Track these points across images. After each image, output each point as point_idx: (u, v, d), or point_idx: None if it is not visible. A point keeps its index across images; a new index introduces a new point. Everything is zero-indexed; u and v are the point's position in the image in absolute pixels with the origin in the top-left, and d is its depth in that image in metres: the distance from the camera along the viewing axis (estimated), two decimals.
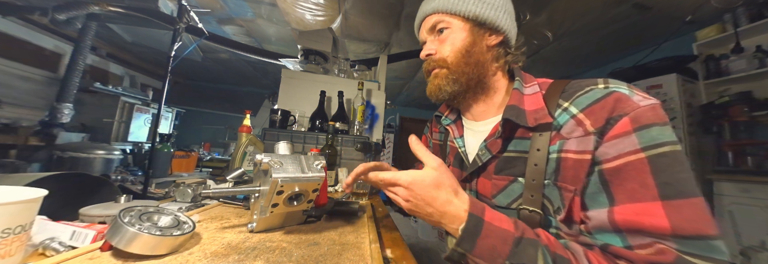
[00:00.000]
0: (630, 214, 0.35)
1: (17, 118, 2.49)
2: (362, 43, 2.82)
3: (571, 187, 0.41)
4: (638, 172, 0.35)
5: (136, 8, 2.28)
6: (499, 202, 0.50)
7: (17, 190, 0.40)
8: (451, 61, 0.54)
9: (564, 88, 0.47)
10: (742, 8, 2.00)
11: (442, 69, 0.55)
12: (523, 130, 0.49)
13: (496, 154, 0.52)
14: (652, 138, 0.36)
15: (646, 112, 0.37)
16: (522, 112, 0.48)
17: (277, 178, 0.49)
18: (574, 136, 0.42)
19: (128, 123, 3.31)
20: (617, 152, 0.37)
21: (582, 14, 2.14)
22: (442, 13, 0.55)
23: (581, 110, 0.42)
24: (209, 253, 0.42)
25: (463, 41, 0.54)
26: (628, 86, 0.42)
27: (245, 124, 1.24)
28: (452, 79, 0.54)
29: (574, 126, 0.42)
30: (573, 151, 0.42)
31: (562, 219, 0.42)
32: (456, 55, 0.54)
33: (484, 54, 0.55)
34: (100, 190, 0.79)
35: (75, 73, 2.68)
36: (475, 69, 0.54)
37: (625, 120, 0.38)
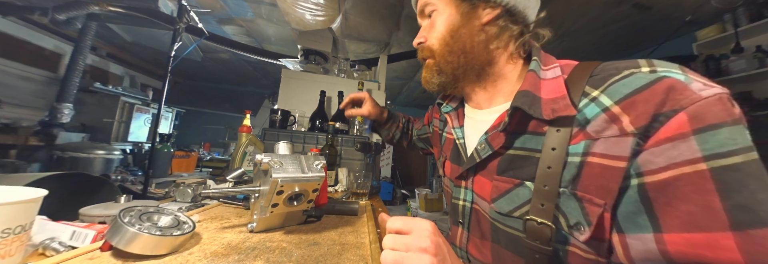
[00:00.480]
0: (687, 245, 0.26)
1: (17, 118, 2.49)
2: (362, 43, 2.82)
3: (598, 200, 0.32)
4: (698, 189, 0.26)
5: (136, 8, 2.28)
6: (501, 209, 0.42)
7: (17, 190, 0.40)
8: (436, 49, 0.48)
9: (593, 72, 0.37)
10: (742, 8, 1.99)
11: (429, 58, 0.50)
12: (537, 123, 0.39)
13: (498, 150, 0.43)
14: (721, 143, 0.26)
15: (712, 107, 0.28)
16: (537, 99, 0.39)
17: (277, 178, 0.49)
18: (605, 136, 0.32)
19: (128, 123, 3.31)
20: (668, 161, 0.28)
21: (582, 14, 2.14)
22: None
23: (617, 102, 0.32)
24: (209, 253, 0.42)
25: (449, 24, 0.46)
26: (681, 69, 0.32)
27: (245, 124, 1.24)
28: (436, 70, 0.48)
29: (605, 122, 0.33)
30: (602, 155, 0.32)
31: (587, 239, 0.33)
32: (441, 41, 0.47)
33: (474, 36, 0.45)
34: (100, 190, 0.79)
35: (75, 73, 2.68)
36: (463, 57, 0.46)
37: (680, 117, 0.28)
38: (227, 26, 2.74)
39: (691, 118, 0.28)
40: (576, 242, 0.35)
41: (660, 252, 0.28)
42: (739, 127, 0.27)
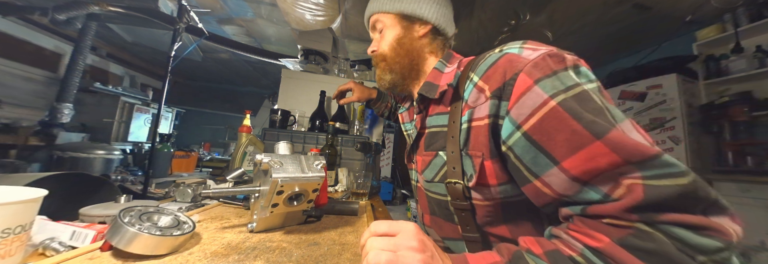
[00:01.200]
0: (582, 163, 0.32)
1: (17, 118, 2.49)
2: (362, 43, 2.82)
3: (478, 152, 0.43)
4: (559, 120, 0.34)
5: (136, 8, 2.28)
6: (427, 177, 0.54)
7: (17, 190, 0.40)
8: (387, 53, 0.61)
9: (474, 61, 0.48)
10: (742, 8, 1.99)
11: (381, 62, 0.62)
12: (443, 106, 0.52)
13: (420, 131, 0.57)
14: (554, 86, 0.35)
15: (539, 63, 0.37)
16: (434, 86, 0.53)
17: (277, 178, 0.49)
18: (479, 104, 0.43)
19: (128, 123, 3.31)
20: (529, 109, 0.36)
21: (582, 14, 2.14)
22: (376, 14, 0.63)
23: (480, 77, 0.44)
24: (209, 253, 0.42)
25: (394, 35, 0.61)
26: (521, 44, 0.42)
27: (245, 124, 1.24)
28: (388, 68, 0.61)
29: (477, 94, 0.44)
30: (476, 119, 0.43)
31: (473, 185, 0.44)
32: (390, 48, 0.61)
33: (414, 42, 0.60)
34: (100, 190, 0.79)
35: (75, 73, 2.68)
36: (407, 57, 0.60)
37: (521, 77, 0.37)
38: (227, 26, 2.74)
39: (528, 75, 0.37)
40: (475, 195, 0.45)
41: (570, 178, 0.33)
42: (564, 73, 0.36)
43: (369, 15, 0.65)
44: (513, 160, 0.39)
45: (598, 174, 0.31)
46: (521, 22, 2.27)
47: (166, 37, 2.56)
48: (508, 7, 2.11)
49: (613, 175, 0.31)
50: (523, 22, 2.26)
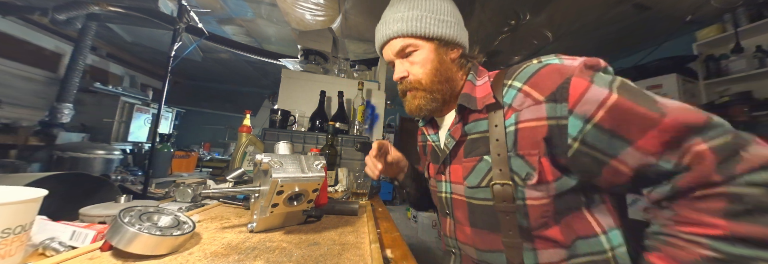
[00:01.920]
0: (653, 139, 0.37)
1: (17, 118, 2.49)
2: (362, 43, 2.81)
3: (533, 151, 0.46)
4: (626, 108, 0.39)
5: (136, 8, 2.28)
6: (470, 183, 0.53)
7: (17, 190, 0.40)
8: (425, 82, 0.57)
9: (506, 72, 0.53)
10: (742, 8, 1.99)
11: (417, 91, 0.59)
12: (478, 114, 0.54)
13: (459, 139, 0.57)
14: (606, 80, 0.42)
15: (583, 67, 0.44)
16: (473, 98, 0.55)
17: (277, 178, 0.49)
18: (525, 107, 0.46)
19: (128, 123, 3.31)
20: (595, 104, 0.40)
21: (582, 14, 2.14)
22: (407, 37, 0.58)
23: (525, 83, 0.47)
24: (209, 253, 0.42)
25: (433, 61, 0.57)
26: (555, 56, 0.49)
27: (245, 124, 1.24)
28: (431, 98, 0.58)
29: (523, 98, 0.47)
30: (529, 120, 0.46)
31: (535, 182, 0.46)
32: (429, 76, 0.57)
33: (450, 69, 0.59)
34: (100, 190, 0.79)
35: (75, 73, 2.68)
36: (447, 84, 0.58)
37: (575, 80, 0.42)
38: (227, 26, 2.74)
39: (580, 78, 0.42)
40: (531, 193, 0.46)
41: (643, 152, 0.38)
42: (605, 72, 0.45)
43: (395, 35, 0.58)
44: (585, 150, 0.42)
45: (669, 145, 0.36)
46: (521, 22, 2.27)
47: (166, 37, 2.56)
48: (508, 7, 2.11)
49: (680, 145, 0.36)
50: (523, 22, 2.26)
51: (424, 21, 0.56)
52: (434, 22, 0.57)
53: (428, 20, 0.57)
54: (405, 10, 0.58)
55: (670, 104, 0.38)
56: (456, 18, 0.60)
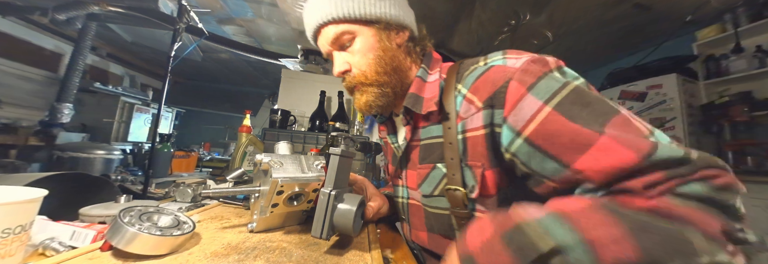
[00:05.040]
0: (594, 162, 0.32)
1: (17, 118, 2.49)
2: None
3: (477, 163, 0.42)
4: (558, 124, 0.34)
5: (136, 8, 2.28)
6: (424, 191, 0.50)
7: (17, 190, 0.40)
8: (370, 74, 0.49)
9: (458, 70, 0.47)
10: (742, 8, 1.99)
11: (365, 86, 0.51)
12: (435, 117, 0.48)
13: (411, 143, 0.52)
14: (546, 90, 0.36)
15: (526, 70, 0.38)
16: (420, 99, 0.49)
17: (277, 178, 0.49)
18: (469, 115, 0.43)
19: (128, 123, 3.31)
20: (527, 115, 0.36)
21: (582, 14, 2.14)
22: (340, 22, 0.48)
23: (469, 89, 0.44)
24: (209, 253, 0.42)
25: (376, 49, 0.49)
26: (502, 54, 0.43)
27: (245, 124, 1.24)
28: (380, 93, 0.50)
29: (467, 105, 0.43)
30: (471, 129, 0.43)
31: (476, 196, 0.43)
32: (373, 67, 0.49)
33: (397, 56, 0.51)
34: (100, 190, 0.79)
35: (75, 73, 2.68)
36: (396, 75, 0.51)
37: (512, 84, 0.38)
38: (227, 26, 2.74)
39: (519, 82, 0.38)
40: (477, 205, 0.44)
41: (586, 179, 0.33)
42: (551, 75, 0.37)
43: (326, 20, 0.48)
44: (520, 167, 0.39)
45: (617, 175, 0.31)
46: (521, 22, 2.27)
47: (166, 37, 2.56)
48: (508, 7, 2.11)
49: (626, 170, 0.30)
50: (523, 22, 2.26)
51: (357, 0, 0.47)
52: (370, 1, 0.47)
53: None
54: None
55: (620, 118, 0.33)
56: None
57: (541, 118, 0.35)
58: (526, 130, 0.36)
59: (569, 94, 0.35)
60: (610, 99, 1.49)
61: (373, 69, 0.49)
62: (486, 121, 0.40)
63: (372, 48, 0.49)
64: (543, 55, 0.40)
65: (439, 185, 0.48)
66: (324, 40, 0.51)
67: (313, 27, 0.51)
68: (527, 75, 0.38)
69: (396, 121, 0.60)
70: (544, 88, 0.36)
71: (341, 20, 0.48)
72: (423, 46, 0.54)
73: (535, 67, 0.38)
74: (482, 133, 0.41)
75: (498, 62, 0.42)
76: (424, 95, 0.49)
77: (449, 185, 0.45)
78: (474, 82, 0.43)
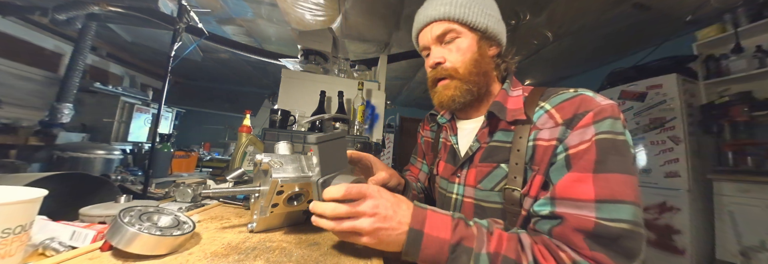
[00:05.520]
0: (569, 181, 0.42)
1: (17, 118, 2.49)
2: (362, 43, 2.82)
3: (536, 167, 0.49)
4: (588, 152, 0.43)
5: (136, 8, 2.28)
6: (485, 187, 0.56)
7: (17, 190, 0.40)
8: (463, 71, 0.56)
9: (543, 92, 0.55)
10: (742, 8, 1.99)
11: (452, 80, 0.57)
12: (506, 124, 0.55)
13: (483, 144, 0.58)
14: (604, 126, 0.44)
15: (606, 108, 0.45)
16: (504, 108, 0.55)
17: (277, 178, 0.49)
18: (546, 127, 0.50)
19: (128, 123, 3.31)
20: (580, 140, 0.45)
21: (582, 14, 2.14)
22: (451, 22, 0.56)
23: (553, 106, 0.50)
24: (209, 253, 0.42)
25: (473, 52, 0.56)
26: (593, 92, 0.51)
27: (245, 124, 1.24)
28: (466, 89, 0.56)
29: (547, 119, 0.50)
30: (544, 139, 0.49)
31: (524, 193, 0.50)
32: (467, 66, 0.56)
33: (489, 63, 0.58)
34: (100, 190, 0.79)
35: (75, 73, 2.68)
36: (483, 78, 0.58)
37: (589, 114, 0.45)
38: (227, 26, 2.74)
39: (594, 114, 0.45)
40: (525, 204, 0.50)
41: (552, 190, 0.44)
42: (618, 121, 0.45)
43: (440, 17, 0.56)
44: (549, 171, 0.47)
45: (568, 198, 0.41)
46: (521, 22, 2.27)
47: (166, 37, 2.56)
48: (508, 7, 2.11)
49: (575, 207, 0.40)
50: (523, 22, 2.26)
51: (472, 9, 0.55)
52: (481, 13, 0.56)
53: (476, 9, 0.56)
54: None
55: (621, 177, 0.41)
56: (499, 14, 0.60)
57: (585, 145, 0.44)
58: (574, 149, 0.45)
59: (612, 139, 0.43)
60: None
61: (467, 67, 0.56)
62: (560, 135, 0.47)
63: (470, 49, 0.57)
64: (621, 112, 0.48)
65: (499, 183, 0.54)
66: (429, 33, 0.58)
67: (426, 20, 0.58)
68: (603, 112, 0.45)
69: (458, 123, 0.67)
70: (603, 125, 0.44)
71: (453, 20, 0.56)
72: (508, 65, 0.62)
73: (613, 110, 0.46)
74: (552, 144, 0.48)
75: (588, 94, 0.49)
76: (507, 106, 0.56)
77: (508, 185, 0.52)
78: (561, 102, 0.50)
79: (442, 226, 0.41)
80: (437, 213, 0.43)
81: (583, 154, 0.43)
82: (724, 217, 1.83)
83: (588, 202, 0.40)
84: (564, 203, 0.41)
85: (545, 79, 3.67)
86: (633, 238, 0.38)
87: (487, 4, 0.58)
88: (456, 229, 0.41)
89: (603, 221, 0.38)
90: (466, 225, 0.42)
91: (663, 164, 2.09)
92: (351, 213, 0.40)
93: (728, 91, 2.11)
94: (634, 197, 0.40)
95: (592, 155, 0.42)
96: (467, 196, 0.59)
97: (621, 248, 0.37)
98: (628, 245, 0.37)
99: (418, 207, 0.43)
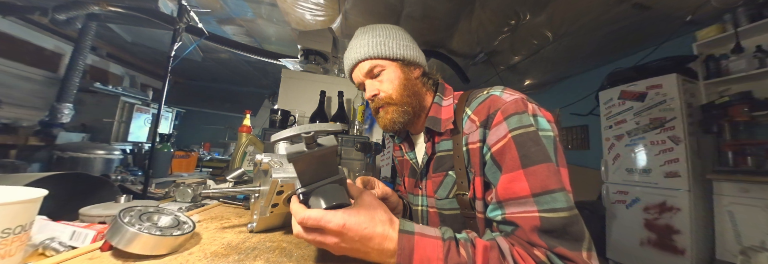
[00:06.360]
0: (505, 183, 0.46)
1: (17, 118, 2.49)
2: None
3: (473, 170, 0.54)
4: (509, 149, 0.47)
5: (136, 8, 2.28)
6: (440, 195, 0.61)
7: (17, 190, 0.40)
8: (396, 96, 0.63)
9: (468, 98, 0.60)
10: (742, 8, 1.99)
11: (389, 106, 0.64)
12: (446, 134, 0.61)
13: (431, 156, 0.64)
14: (515, 123, 0.48)
15: (511, 105, 0.50)
16: (438, 120, 0.62)
17: (277, 178, 0.49)
18: (471, 131, 0.55)
19: (128, 123, 3.31)
20: (497, 137, 0.49)
21: (582, 14, 2.14)
22: (374, 59, 0.65)
23: (472, 111, 0.56)
24: (209, 253, 0.42)
25: (400, 78, 0.64)
26: (502, 89, 0.56)
27: (245, 124, 1.24)
28: (402, 111, 0.63)
29: (470, 124, 0.56)
30: (472, 142, 0.54)
31: (471, 196, 0.54)
32: (398, 91, 0.63)
33: (415, 84, 0.66)
34: (100, 190, 0.79)
35: (75, 73, 2.68)
36: (415, 98, 0.65)
37: (498, 113, 0.50)
38: (227, 26, 2.74)
39: (502, 112, 0.50)
40: (476, 207, 0.54)
41: (495, 194, 0.47)
42: (525, 114, 0.49)
43: (363, 58, 0.65)
44: (485, 172, 0.52)
45: (511, 199, 0.44)
46: (521, 22, 2.27)
47: (166, 37, 2.56)
48: (508, 7, 2.11)
49: (519, 205, 0.43)
50: (523, 22, 2.26)
51: (387, 45, 0.65)
52: (396, 45, 0.65)
53: (390, 44, 0.65)
54: (369, 37, 0.66)
55: (543, 166, 0.44)
56: (413, 43, 0.69)
57: (503, 141, 0.48)
58: (493, 148, 0.49)
59: (525, 133, 0.47)
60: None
61: (397, 92, 0.63)
62: (481, 137, 0.52)
63: (397, 77, 0.64)
64: (529, 101, 0.52)
65: (451, 190, 0.59)
66: (359, 72, 0.67)
67: (353, 62, 0.67)
68: (510, 107, 0.50)
69: (413, 139, 0.73)
70: (513, 122, 0.48)
71: (375, 57, 0.65)
72: (434, 80, 0.70)
73: (518, 105, 0.50)
74: (478, 146, 0.53)
75: (497, 93, 0.54)
76: (441, 117, 0.62)
77: (459, 190, 0.56)
78: (477, 106, 0.55)
79: (432, 255, 0.38)
80: (425, 237, 0.40)
81: (505, 152, 0.47)
82: (724, 217, 1.83)
83: (526, 197, 0.43)
84: (509, 204, 0.45)
85: (545, 79, 3.67)
86: (574, 222, 0.41)
87: (399, 36, 0.67)
88: (448, 256, 0.39)
89: (545, 214, 0.41)
90: (456, 247, 0.40)
91: (663, 164, 2.09)
92: (313, 242, 0.39)
93: (728, 91, 2.11)
94: (560, 183, 0.43)
95: (514, 152, 0.46)
96: (430, 206, 0.65)
97: (570, 235, 0.40)
98: (574, 230, 0.40)
99: (404, 232, 0.40)
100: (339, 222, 0.37)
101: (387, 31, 0.67)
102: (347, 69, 0.71)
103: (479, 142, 0.52)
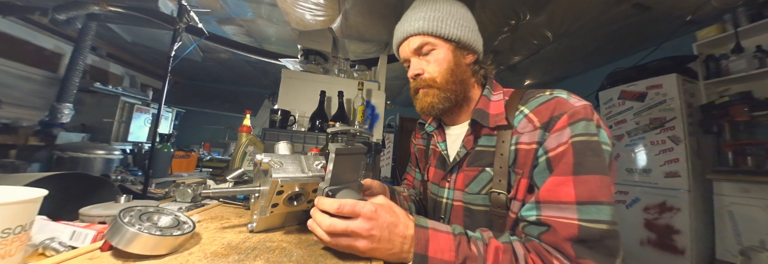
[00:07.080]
0: (551, 185, 0.45)
1: (17, 118, 2.49)
2: (362, 43, 2.81)
3: (520, 171, 0.52)
4: (567, 154, 0.46)
5: (136, 8, 2.28)
6: (472, 190, 0.59)
7: (17, 190, 0.40)
8: (440, 80, 0.59)
9: (522, 96, 0.58)
10: (742, 8, 1.99)
11: (431, 88, 0.60)
12: (489, 130, 0.58)
13: (469, 150, 0.61)
14: (580, 129, 0.47)
15: (580, 110, 0.48)
16: (486, 114, 0.58)
17: (277, 178, 0.49)
18: (526, 131, 0.52)
19: (128, 123, 3.31)
20: (558, 142, 0.47)
21: (582, 14, 2.14)
22: (426, 35, 0.60)
23: (531, 110, 0.53)
24: (209, 253, 0.42)
25: (449, 61, 0.60)
26: (567, 93, 0.53)
27: (245, 124, 1.24)
28: (444, 97, 0.60)
29: (526, 123, 0.53)
30: (525, 143, 0.52)
31: (511, 196, 0.53)
32: (444, 75, 0.59)
33: (465, 72, 0.62)
34: (100, 190, 0.79)
35: (75, 73, 2.68)
36: (460, 86, 0.61)
37: (564, 117, 0.48)
38: (227, 26, 2.74)
39: (569, 116, 0.48)
40: (513, 206, 0.53)
41: (537, 194, 0.46)
42: (591, 122, 0.47)
43: (415, 32, 0.60)
44: (533, 174, 0.50)
45: (552, 202, 0.44)
46: (521, 22, 2.27)
47: (166, 37, 2.56)
48: (508, 7, 2.11)
49: (558, 210, 0.43)
50: (523, 22, 2.26)
51: (445, 22, 0.59)
52: (454, 24, 0.59)
53: (449, 22, 0.59)
54: (427, 11, 0.60)
55: (597, 177, 0.43)
56: (473, 25, 0.63)
57: (563, 147, 0.46)
58: (553, 151, 0.48)
59: (587, 141, 0.46)
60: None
61: (444, 76, 0.59)
62: (539, 139, 0.50)
63: (446, 60, 0.60)
64: (595, 111, 0.50)
65: (485, 186, 0.57)
66: (407, 47, 0.62)
67: (404, 35, 0.62)
68: (577, 114, 0.48)
69: (446, 129, 0.70)
70: (578, 127, 0.47)
71: (427, 34, 0.59)
72: (486, 71, 0.65)
73: (586, 111, 0.48)
74: (533, 148, 0.50)
75: (562, 96, 0.52)
76: (489, 111, 0.58)
77: (494, 189, 0.54)
78: (538, 106, 0.52)
79: (445, 247, 0.42)
80: (438, 232, 0.44)
81: (561, 157, 0.46)
82: (724, 217, 1.83)
83: (570, 203, 0.42)
84: (548, 206, 0.44)
85: (545, 79, 3.67)
86: (613, 236, 0.40)
87: (461, 15, 0.61)
88: (459, 249, 0.42)
89: (586, 223, 0.40)
90: (467, 243, 0.43)
91: (663, 164, 2.09)
92: (347, 231, 0.40)
93: (728, 91, 2.11)
94: (609, 197, 0.43)
95: (570, 158, 0.45)
96: (456, 199, 0.62)
97: (604, 248, 0.40)
98: (610, 244, 0.40)
99: (420, 227, 0.43)
100: (371, 208, 0.41)
101: (448, 7, 0.60)
102: (396, 42, 0.65)
103: (535, 144, 0.50)
